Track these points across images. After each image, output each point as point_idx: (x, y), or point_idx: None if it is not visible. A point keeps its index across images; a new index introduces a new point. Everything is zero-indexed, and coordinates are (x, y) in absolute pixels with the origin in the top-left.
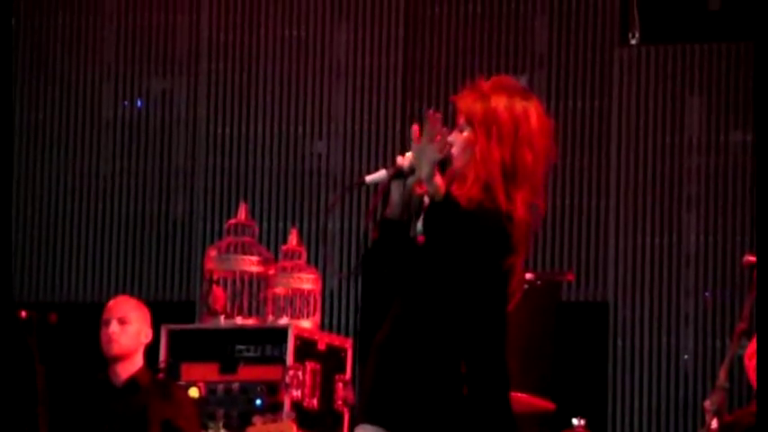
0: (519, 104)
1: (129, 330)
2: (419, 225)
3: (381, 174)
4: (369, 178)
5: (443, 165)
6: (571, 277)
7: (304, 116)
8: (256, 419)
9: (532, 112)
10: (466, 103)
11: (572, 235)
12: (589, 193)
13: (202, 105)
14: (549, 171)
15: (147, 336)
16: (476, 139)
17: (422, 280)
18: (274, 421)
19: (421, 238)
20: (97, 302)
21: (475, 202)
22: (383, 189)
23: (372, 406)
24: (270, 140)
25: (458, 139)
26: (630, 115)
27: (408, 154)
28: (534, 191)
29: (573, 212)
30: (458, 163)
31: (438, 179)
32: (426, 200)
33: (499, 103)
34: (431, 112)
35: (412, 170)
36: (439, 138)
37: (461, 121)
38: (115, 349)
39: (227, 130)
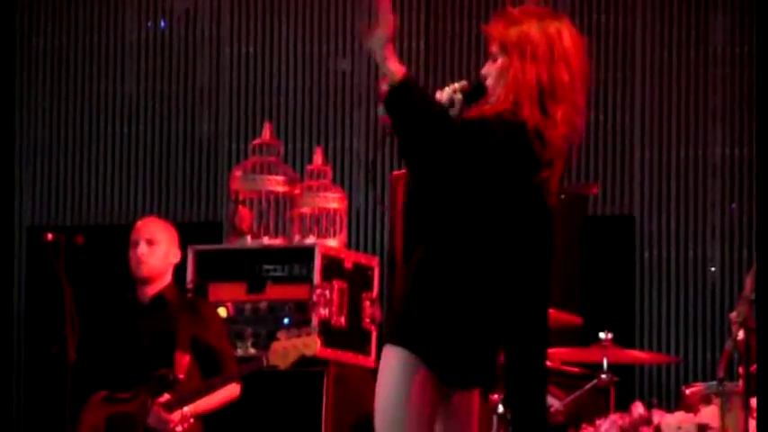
0: (551, 25)
1: (158, 251)
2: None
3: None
4: None
5: (477, 95)
6: (596, 190)
7: (328, 34)
8: (281, 334)
9: (565, 31)
10: (497, 29)
11: (597, 149)
12: (614, 107)
13: (226, 25)
14: (587, 88)
15: (175, 256)
16: (510, 63)
17: (438, 198)
18: (299, 336)
19: (384, 118)
20: (124, 224)
21: (494, 112)
22: None
23: (401, 329)
24: (294, 59)
25: (491, 69)
26: (655, 30)
27: (446, 89)
28: (575, 108)
29: (598, 127)
30: (494, 92)
31: (394, 64)
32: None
33: (531, 25)
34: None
35: (451, 103)
36: (384, 19)
37: (494, 49)
38: (144, 270)
39: (251, 49)
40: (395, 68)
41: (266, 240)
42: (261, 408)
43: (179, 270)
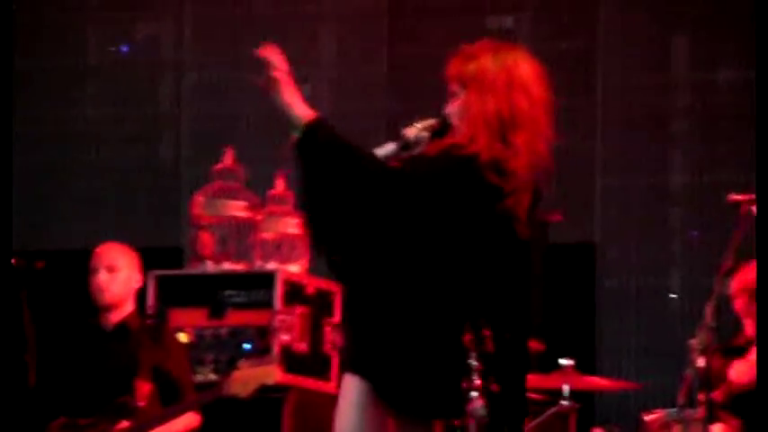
0: (508, 56)
1: (119, 277)
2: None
3: (390, 147)
4: (378, 152)
5: (444, 133)
6: (558, 218)
7: (290, 60)
8: (242, 363)
9: (522, 60)
10: (455, 67)
11: (559, 176)
12: (576, 133)
13: (188, 50)
14: (551, 115)
15: (136, 281)
16: (469, 98)
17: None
18: (260, 365)
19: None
20: (85, 249)
21: (440, 148)
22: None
23: (356, 357)
24: (255, 84)
25: (453, 107)
26: (616, 55)
27: (415, 125)
28: (537, 136)
29: (560, 153)
30: (459, 130)
31: (298, 108)
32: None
33: (487, 59)
34: (262, 50)
35: (417, 141)
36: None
37: (454, 87)
38: (106, 298)
39: (214, 74)
40: (300, 113)
41: (228, 266)
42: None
43: (140, 295)
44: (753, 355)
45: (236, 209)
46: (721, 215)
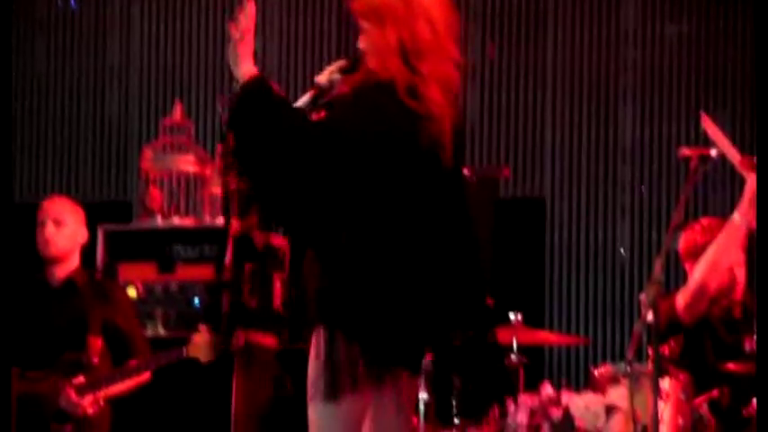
0: None
1: (65, 231)
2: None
3: (305, 98)
4: (296, 105)
5: (355, 69)
6: (507, 173)
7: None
8: (202, 327)
9: None
10: (355, 3)
11: (508, 130)
12: (525, 87)
13: (136, 4)
14: (456, 41)
15: (82, 236)
16: (372, 31)
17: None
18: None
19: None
20: (33, 203)
21: (356, 83)
22: (310, 110)
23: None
24: (204, 39)
25: (361, 43)
26: (566, 8)
27: (324, 71)
28: (445, 61)
29: (509, 107)
30: (371, 63)
31: (245, 65)
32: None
33: None
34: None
35: (331, 84)
36: (245, 25)
37: (361, 23)
38: (52, 250)
39: (162, 27)
40: (244, 70)
41: (177, 221)
42: (171, 390)
43: (89, 249)
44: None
45: (185, 163)
46: (670, 169)
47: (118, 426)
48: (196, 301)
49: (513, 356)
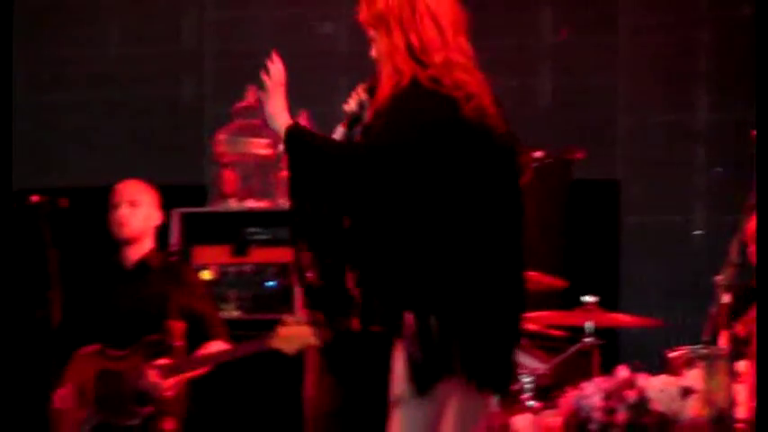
0: None
1: (139, 213)
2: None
3: (340, 130)
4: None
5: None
6: (581, 155)
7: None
8: (288, 319)
9: None
10: (361, 14)
11: (581, 112)
12: (599, 69)
13: None
14: (465, 33)
15: (156, 218)
16: (381, 39)
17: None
18: (306, 324)
19: None
20: (107, 187)
21: (387, 97)
22: (349, 139)
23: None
24: (278, 23)
25: (374, 53)
26: None
27: (350, 99)
28: (454, 52)
29: (583, 89)
30: (384, 70)
31: (280, 118)
32: None
33: None
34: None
35: (361, 107)
36: (275, 80)
37: (370, 33)
38: (126, 232)
39: (235, 11)
40: (281, 123)
41: (251, 203)
42: (246, 371)
43: (163, 232)
44: None
45: (259, 146)
46: (746, 152)
47: (194, 407)
48: (270, 283)
49: (587, 339)
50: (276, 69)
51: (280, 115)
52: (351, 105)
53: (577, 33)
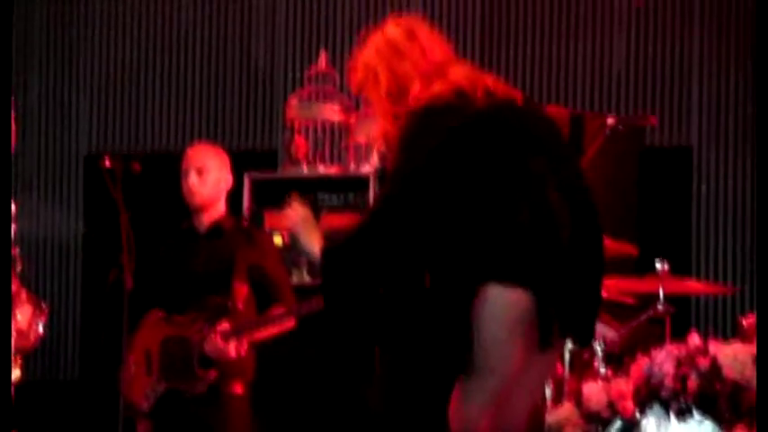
0: (373, 42)
1: (209, 179)
2: None
3: (374, 187)
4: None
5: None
6: (654, 121)
7: None
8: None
9: (388, 26)
10: (353, 84)
11: (655, 79)
12: (672, 35)
13: None
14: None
15: (227, 182)
16: (372, 95)
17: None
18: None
19: None
20: (180, 152)
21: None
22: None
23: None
24: None
25: (373, 113)
26: None
27: (372, 156)
28: (436, 77)
29: (656, 56)
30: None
31: (315, 250)
32: None
33: (360, 59)
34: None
35: (383, 159)
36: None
37: (366, 97)
38: (197, 199)
39: None
40: (315, 252)
41: (322, 169)
42: (313, 338)
43: (235, 197)
44: None
45: (330, 112)
46: None
47: (261, 370)
48: None
49: (659, 306)
50: (297, 211)
51: (313, 246)
52: (374, 162)
53: (652, 1)
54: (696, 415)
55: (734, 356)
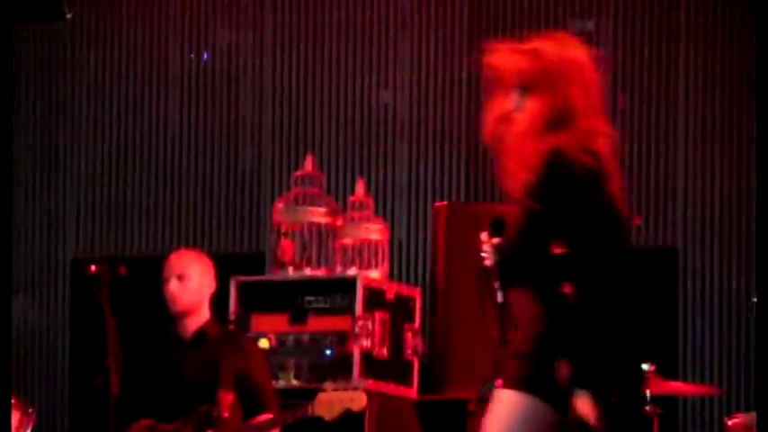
0: (564, 48)
1: (190, 286)
2: None
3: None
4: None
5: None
6: (638, 221)
7: (370, 66)
8: (327, 385)
9: (576, 49)
10: (507, 74)
11: (640, 179)
12: (657, 137)
13: (268, 57)
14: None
15: (210, 287)
16: (533, 101)
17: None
18: (346, 389)
19: None
20: (167, 256)
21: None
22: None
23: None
24: (336, 91)
25: (512, 104)
26: (698, 58)
27: (484, 248)
28: (599, 118)
29: (641, 157)
30: (517, 127)
31: None
32: None
33: (543, 55)
34: None
35: (499, 251)
36: None
37: (513, 88)
38: (178, 306)
39: (293, 81)
40: None
41: (308, 272)
42: None
43: (222, 300)
44: None
45: (317, 215)
46: None
47: None
48: (328, 352)
49: (647, 407)
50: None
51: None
52: (488, 260)
53: (636, 98)
54: None
55: None
